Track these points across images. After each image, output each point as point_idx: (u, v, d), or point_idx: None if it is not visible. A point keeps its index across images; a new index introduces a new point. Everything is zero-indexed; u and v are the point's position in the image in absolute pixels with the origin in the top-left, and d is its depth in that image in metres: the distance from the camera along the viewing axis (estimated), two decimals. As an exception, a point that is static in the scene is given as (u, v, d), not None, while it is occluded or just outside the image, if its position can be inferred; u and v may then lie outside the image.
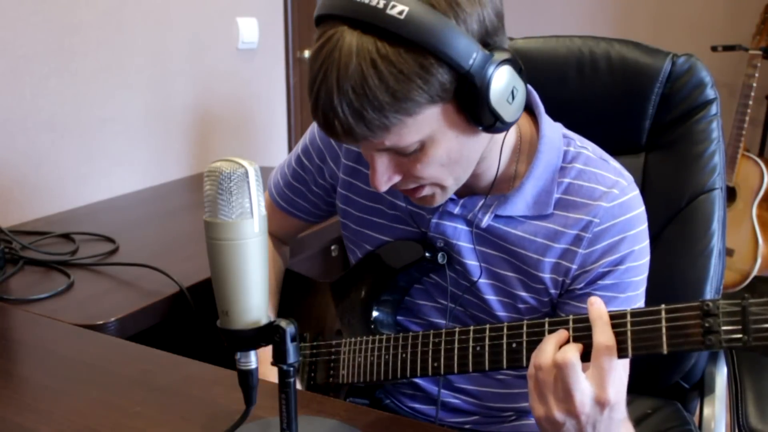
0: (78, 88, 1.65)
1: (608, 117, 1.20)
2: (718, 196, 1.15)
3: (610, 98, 1.20)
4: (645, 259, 0.90)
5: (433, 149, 0.77)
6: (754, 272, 2.79)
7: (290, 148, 2.45)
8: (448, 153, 0.78)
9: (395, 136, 0.73)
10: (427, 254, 0.95)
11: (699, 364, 1.22)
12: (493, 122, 0.76)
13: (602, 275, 0.88)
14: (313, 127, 1.08)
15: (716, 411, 1.18)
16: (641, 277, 0.90)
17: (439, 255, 0.95)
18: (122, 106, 1.78)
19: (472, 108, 0.74)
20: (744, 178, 2.81)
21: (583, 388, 0.69)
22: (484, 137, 0.82)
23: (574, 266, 0.89)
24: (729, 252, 2.79)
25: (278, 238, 1.19)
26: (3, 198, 1.52)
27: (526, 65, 0.85)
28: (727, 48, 2.85)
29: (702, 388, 1.24)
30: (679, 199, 1.16)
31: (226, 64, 2.12)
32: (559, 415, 0.71)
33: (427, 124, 0.74)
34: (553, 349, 0.72)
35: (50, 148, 1.61)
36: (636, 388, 0.93)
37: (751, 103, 2.74)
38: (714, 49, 2.90)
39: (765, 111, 2.99)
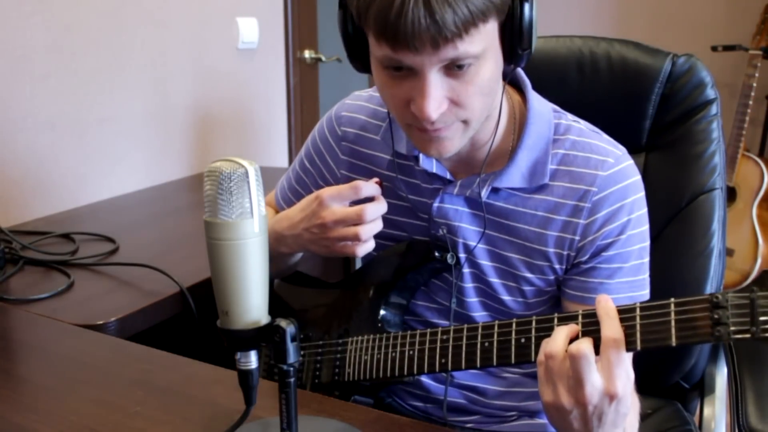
0: (78, 88, 1.65)
1: (608, 117, 1.20)
2: (719, 196, 1.15)
3: (611, 98, 1.20)
4: (645, 227, 0.92)
5: (482, 68, 0.79)
6: (755, 272, 2.79)
7: (290, 148, 2.45)
8: (490, 77, 0.81)
9: (468, 40, 0.75)
10: (436, 254, 0.95)
11: (699, 364, 1.22)
12: (527, 46, 0.80)
13: (605, 247, 0.90)
14: (314, 132, 1.09)
15: (716, 411, 1.18)
16: (644, 245, 0.92)
17: (448, 256, 0.95)
18: (122, 106, 1.78)
19: (518, 27, 0.79)
20: (744, 178, 2.81)
21: (594, 380, 0.71)
22: (500, 79, 0.86)
23: (577, 237, 0.90)
24: (729, 252, 2.80)
25: None
26: (3, 198, 1.52)
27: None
28: (727, 48, 2.85)
29: (702, 388, 1.24)
30: (679, 199, 1.16)
31: (226, 64, 2.12)
32: (567, 402, 0.72)
33: (487, 36, 0.77)
34: (565, 340, 0.74)
35: (50, 148, 1.61)
36: (636, 388, 0.93)
37: (751, 103, 2.74)
38: (714, 49, 2.90)
39: (765, 111, 2.99)
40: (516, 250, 0.94)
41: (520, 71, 0.94)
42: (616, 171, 0.90)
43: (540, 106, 0.93)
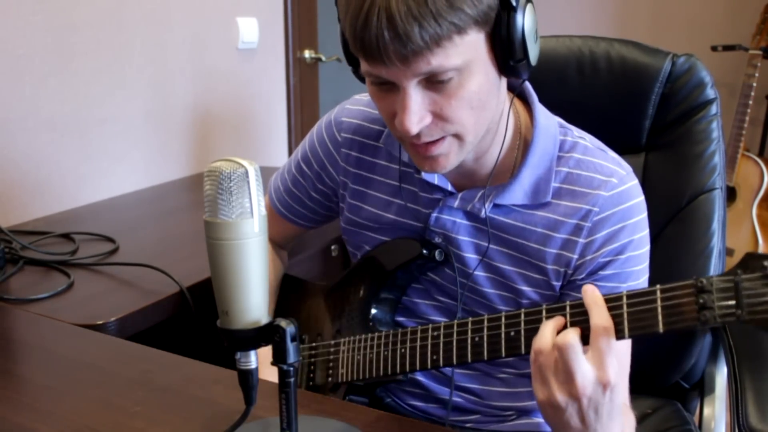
0: (78, 88, 1.65)
1: (608, 117, 1.20)
2: (718, 196, 1.15)
3: (610, 98, 1.20)
4: (645, 248, 0.91)
5: (468, 81, 0.77)
6: (754, 272, 2.79)
7: (290, 148, 2.45)
8: (479, 90, 0.79)
9: (442, 53, 0.73)
10: (424, 251, 0.95)
11: (699, 364, 1.22)
12: (521, 58, 0.78)
13: (603, 265, 0.89)
14: (312, 134, 1.08)
15: (716, 411, 1.18)
16: (642, 266, 0.91)
17: (437, 252, 0.95)
18: (122, 106, 1.78)
19: (508, 38, 0.76)
20: (744, 178, 2.81)
21: (584, 369, 0.70)
22: (502, 92, 0.85)
23: (575, 256, 0.90)
24: (729, 252, 2.79)
25: (276, 243, 1.19)
26: (3, 198, 1.52)
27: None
28: (727, 48, 2.85)
29: (702, 388, 1.24)
30: (679, 199, 1.16)
31: (226, 64, 2.12)
32: (561, 398, 0.71)
33: (468, 48, 0.75)
34: (552, 333, 0.73)
35: (50, 148, 1.61)
36: (636, 388, 0.93)
37: (751, 103, 2.74)
38: (714, 49, 2.90)
39: (765, 111, 2.99)
40: (514, 264, 0.93)
41: (526, 83, 0.92)
42: (618, 192, 0.89)
43: (546, 121, 0.92)
